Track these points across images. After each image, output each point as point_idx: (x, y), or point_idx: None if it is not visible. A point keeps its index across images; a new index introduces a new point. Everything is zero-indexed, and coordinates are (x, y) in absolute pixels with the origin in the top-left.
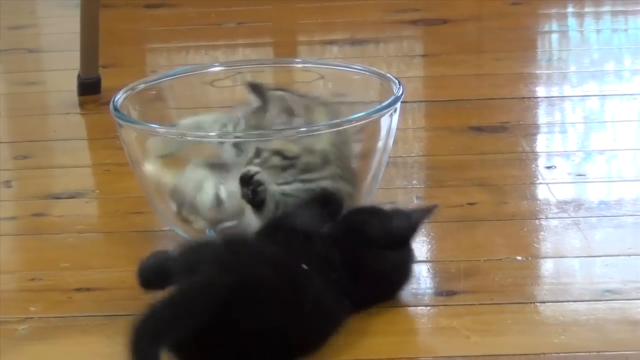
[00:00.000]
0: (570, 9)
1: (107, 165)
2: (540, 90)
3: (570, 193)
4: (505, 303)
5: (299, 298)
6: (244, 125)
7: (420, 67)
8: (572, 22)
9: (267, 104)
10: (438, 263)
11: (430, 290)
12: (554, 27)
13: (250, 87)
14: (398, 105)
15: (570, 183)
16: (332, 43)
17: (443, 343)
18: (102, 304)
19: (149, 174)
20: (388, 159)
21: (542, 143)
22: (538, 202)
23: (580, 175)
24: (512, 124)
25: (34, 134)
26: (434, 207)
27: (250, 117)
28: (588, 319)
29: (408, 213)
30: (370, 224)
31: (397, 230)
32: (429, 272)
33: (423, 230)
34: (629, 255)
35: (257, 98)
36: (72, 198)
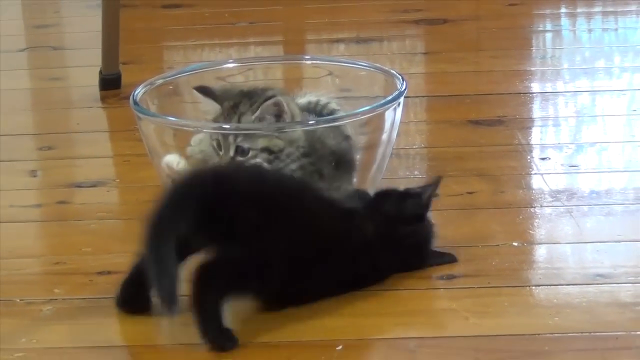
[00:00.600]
0: (564, 10)
1: (126, 156)
2: (535, 86)
3: (563, 183)
4: (502, 286)
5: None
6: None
7: (422, 64)
8: (565, 22)
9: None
10: (440, 248)
11: (432, 274)
12: (548, 26)
13: (200, 90)
14: (401, 100)
15: (563, 173)
16: (339, 41)
17: (444, 324)
18: None
19: (168, 162)
20: (392, 151)
21: (536, 136)
22: (533, 191)
23: (573, 166)
24: (508, 118)
25: (58, 127)
26: (439, 178)
27: (228, 118)
28: (580, 302)
29: (419, 192)
30: (389, 204)
31: (410, 209)
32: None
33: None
34: (619, 242)
35: (209, 100)
36: (93, 187)
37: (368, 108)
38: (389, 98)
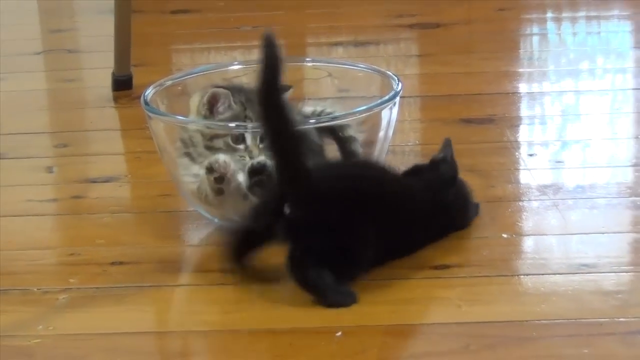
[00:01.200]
0: (550, 14)
1: (137, 153)
2: (523, 87)
3: (550, 178)
4: (493, 276)
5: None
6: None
7: (416, 65)
8: (551, 26)
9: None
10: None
11: (426, 264)
12: (535, 30)
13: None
14: (397, 100)
15: (550, 169)
16: (337, 44)
17: (437, 311)
18: (133, 276)
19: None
20: (388, 148)
21: (524, 133)
22: (521, 186)
23: (559, 162)
24: (498, 117)
25: (73, 125)
26: (449, 140)
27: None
28: (566, 290)
29: (444, 156)
30: (427, 173)
31: (448, 173)
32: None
33: None
34: (602, 233)
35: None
36: (106, 182)
37: (365, 107)
38: (385, 98)
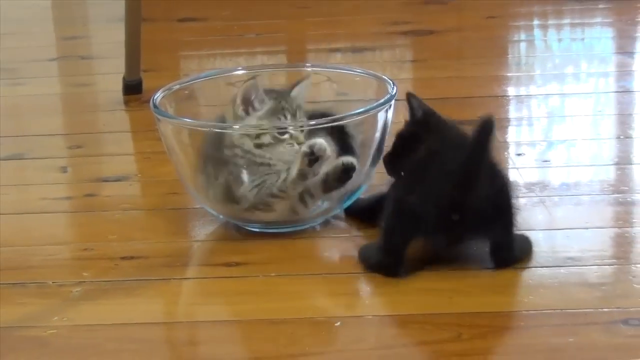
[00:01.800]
0: (536, 22)
1: (147, 154)
2: (511, 90)
3: (537, 176)
4: (483, 268)
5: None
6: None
7: (410, 70)
8: (537, 32)
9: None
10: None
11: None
12: (523, 37)
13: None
14: (392, 103)
15: (537, 168)
16: (336, 50)
17: (430, 302)
18: (144, 270)
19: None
20: (384, 148)
21: (512, 134)
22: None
23: (545, 161)
24: None
25: (86, 127)
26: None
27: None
28: (552, 282)
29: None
30: None
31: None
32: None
33: None
34: (586, 228)
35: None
36: (118, 181)
37: (362, 110)
38: (381, 101)
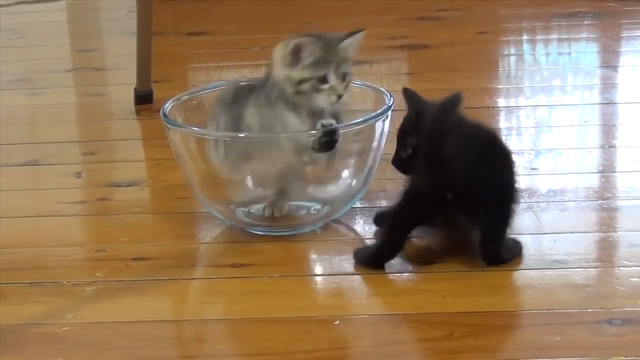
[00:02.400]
0: (525, 37)
1: (157, 160)
2: (501, 101)
3: (525, 183)
4: (474, 271)
5: None
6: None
7: (406, 82)
8: (526, 47)
9: None
10: (420, 240)
11: (414, 261)
12: (512, 51)
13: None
14: (389, 113)
15: (525, 175)
16: None
17: (424, 302)
18: (153, 271)
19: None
20: (381, 156)
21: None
22: None
23: (533, 169)
24: None
25: (99, 135)
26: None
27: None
28: (539, 284)
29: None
30: None
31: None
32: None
33: None
34: (572, 233)
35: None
36: (129, 186)
37: (361, 120)
38: (379, 111)
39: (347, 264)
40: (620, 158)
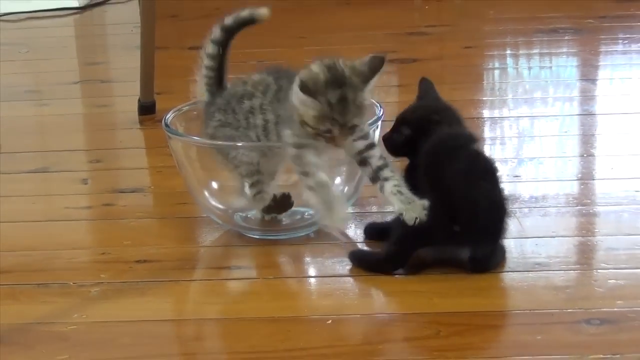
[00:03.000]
0: (509, 51)
1: (159, 168)
2: (486, 112)
3: (508, 190)
4: (460, 273)
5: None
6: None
7: (396, 94)
8: (510, 61)
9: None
10: None
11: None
12: (496, 64)
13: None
14: (379, 123)
15: (508, 182)
16: None
17: (412, 303)
18: (155, 273)
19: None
20: None
21: (487, 152)
22: None
23: (516, 176)
24: None
25: (105, 144)
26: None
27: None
28: (522, 285)
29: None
30: None
31: None
32: None
33: None
34: (553, 237)
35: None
36: (133, 192)
37: None
38: (370, 121)
39: (339, 266)
40: (599, 166)
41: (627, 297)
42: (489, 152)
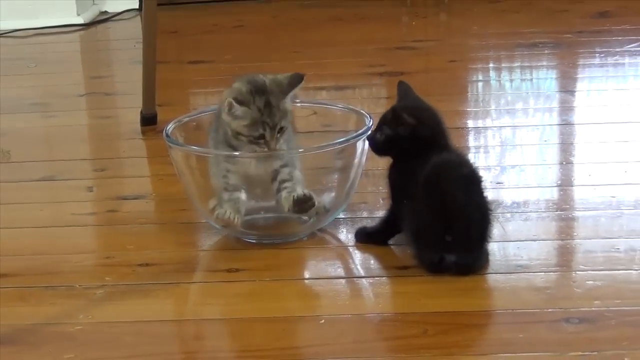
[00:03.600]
0: (492, 65)
1: (160, 176)
2: (470, 123)
3: (492, 196)
4: (446, 274)
5: None
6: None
7: (385, 106)
8: (492, 74)
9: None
10: (397, 247)
11: (390, 265)
12: (480, 77)
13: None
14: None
15: (492, 189)
16: (322, 88)
17: (401, 303)
18: (157, 276)
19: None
20: (362, 172)
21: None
22: None
23: (499, 183)
24: None
25: (109, 153)
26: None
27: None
28: (505, 286)
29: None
30: None
31: None
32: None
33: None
34: (534, 240)
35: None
36: (136, 199)
37: (343, 139)
38: (360, 132)
39: (331, 269)
40: (577, 173)
41: (604, 297)
42: (474, 160)
